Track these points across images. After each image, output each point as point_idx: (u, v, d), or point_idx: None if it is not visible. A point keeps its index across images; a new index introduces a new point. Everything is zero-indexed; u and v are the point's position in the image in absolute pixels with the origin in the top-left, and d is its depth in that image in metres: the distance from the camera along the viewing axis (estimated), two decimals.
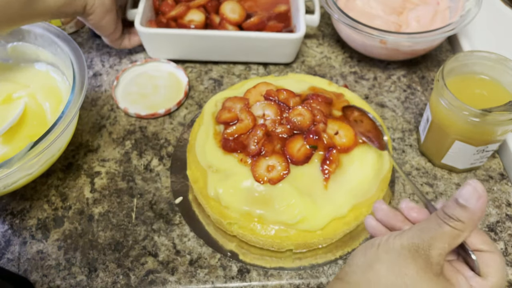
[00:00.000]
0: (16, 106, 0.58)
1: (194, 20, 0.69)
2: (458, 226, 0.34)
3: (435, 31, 0.61)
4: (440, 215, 0.35)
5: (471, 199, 0.34)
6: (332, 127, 0.51)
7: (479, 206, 0.34)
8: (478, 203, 0.34)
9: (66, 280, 0.50)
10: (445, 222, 0.34)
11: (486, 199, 0.34)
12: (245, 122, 0.52)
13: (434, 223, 0.35)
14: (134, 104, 0.65)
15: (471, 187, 0.34)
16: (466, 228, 0.34)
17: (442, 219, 0.35)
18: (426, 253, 0.34)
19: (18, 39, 0.61)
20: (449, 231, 0.34)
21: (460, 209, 0.34)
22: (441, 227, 0.34)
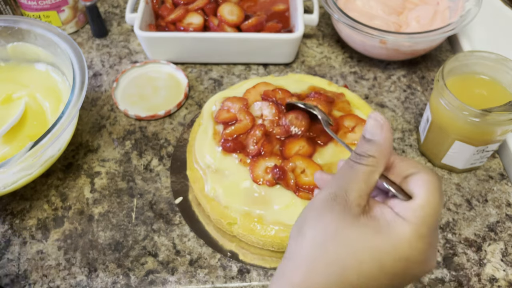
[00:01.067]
0: (16, 106, 0.58)
1: (193, 23, 0.69)
2: (369, 162, 0.33)
3: (435, 31, 0.61)
4: (352, 157, 0.34)
5: (375, 131, 0.34)
6: (300, 165, 0.50)
7: (384, 136, 0.33)
8: (382, 133, 0.33)
9: (66, 280, 0.50)
10: (357, 162, 0.34)
11: (388, 127, 0.34)
12: (244, 122, 0.52)
13: (348, 167, 0.34)
14: (134, 106, 0.65)
15: (372, 119, 0.34)
16: (378, 162, 0.33)
17: (354, 160, 0.34)
18: (343, 198, 0.32)
19: (18, 39, 0.61)
20: (363, 169, 0.33)
21: (368, 145, 0.34)
22: (354, 168, 0.34)
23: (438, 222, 0.33)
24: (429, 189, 0.32)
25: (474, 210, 0.55)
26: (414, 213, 0.31)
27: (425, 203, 0.32)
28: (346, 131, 0.52)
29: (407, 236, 0.31)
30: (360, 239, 0.31)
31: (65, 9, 0.74)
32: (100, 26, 0.75)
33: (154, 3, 0.72)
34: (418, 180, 0.33)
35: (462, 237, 0.52)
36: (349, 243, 0.31)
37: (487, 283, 0.49)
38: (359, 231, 0.31)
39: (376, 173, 0.33)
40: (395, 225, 0.31)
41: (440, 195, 0.32)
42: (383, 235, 0.31)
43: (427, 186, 0.32)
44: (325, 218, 0.32)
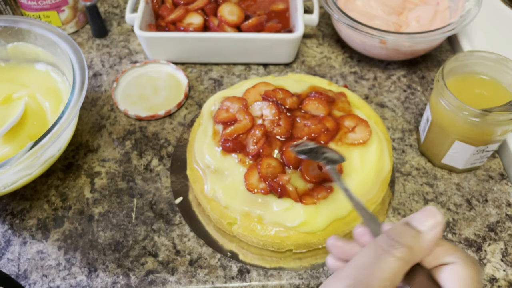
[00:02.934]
0: (17, 106, 0.58)
1: (193, 23, 0.69)
2: (403, 254, 0.28)
3: (435, 31, 0.61)
4: (382, 242, 0.29)
5: (425, 220, 0.29)
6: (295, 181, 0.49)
7: (432, 228, 0.29)
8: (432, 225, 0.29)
9: (66, 280, 0.50)
10: (387, 251, 0.28)
11: (441, 225, 0.29)
12: (243, 122, 0.52)
13: (373, 255, 0.29)
14: (134, 106, 0.65)
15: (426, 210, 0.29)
16: (412, 258, 0.28)
17: (384, 248, 0.29)
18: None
19: (18, 39, 0.61)
20: (391, 264, 0.28)
21: (408, 231, 0.29)
22: (381, 259, 0.28)
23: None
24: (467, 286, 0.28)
25: (474, 210, 0.55)
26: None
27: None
28: (347, 131, 0.52)
29: None
30: None
31: (65, 9, 0.74)
32: (100, 26, 0.75)
33: (154, 3, 0.72)
34: (454, 275, 0.28)
35: (462, 237, 0.52)
36: None
37: (487, 283, 0.49)
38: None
39: (404, 271, 0.28)
40: None
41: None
42: None
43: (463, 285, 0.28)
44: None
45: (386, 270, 0.28)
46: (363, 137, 0.51)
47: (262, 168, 0.48)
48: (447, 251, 0.29)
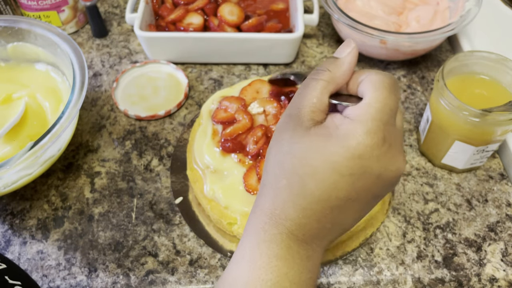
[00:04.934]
0: (17, 106, 0.58)
1: (193, 23, 0.69)
2: (324, 76, 0.34)
3: (435, 31, 0.61)
4: (310, 74, 0.35)
5: (342, 50, 0.35)
6: None
7: (348, 55, 0.34)
8: (348, 53, 0.34)
9: (66, 280, 0.50)
10: (313, 77, 0.34)
11: (356, 51, 0.34)
12: (242, 122, 0.52)
13: (303, 86, 0.35)
14: (134, 106, 0.65)
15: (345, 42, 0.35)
16: (333, 78, 0.34)
17: (311, 76, 0.35)
18: (297, 114, 0.33)
19: (18, 39, 0.61)
20: (315, 85, 0.34)
21: (329, 61, 0.34)
22: (308, 85, 0.34)
23: (392, 118, 0.33)
24: (375, 87, 0.33)
25: (474, 210, 0.55)
26: (361, 111, 0.32)
27: (372, 100, 0.32)
28: None
29: (353, 133, 0.31)
30: (311, 147, 0.32)
31: (65, 9, 0.74)
32: (100, 26, 0.75)
33: (154, 3, 0.72)
34: (366, 82, 0.34)
35: (462, 237, 0.52)
36: (301, 154, 0.32)
37: (487, 283, 0.49)
38: (310, 140, 0.32)
39: (328, 88, 0.34)
40: (342, 126, 0.32)
41: (389, 90, 0.33)
42: (332, 139, 0.32)
43: (373, 85, 0.33)
44: (282, 137, 0.34)
45: (311, 90, 0.34)
46: None
47: (260, 169, 0.48)
48: (361, 73, 0.35)
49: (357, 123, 0.31)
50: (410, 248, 0.51)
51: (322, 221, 0.32)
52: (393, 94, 0.33)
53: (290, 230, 0.32)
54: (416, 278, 0.49)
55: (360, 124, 0.31)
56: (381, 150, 0.31)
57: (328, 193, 0.31)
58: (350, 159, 0.31)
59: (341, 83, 0.35)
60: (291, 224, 0.32)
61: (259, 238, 0.33)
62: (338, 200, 0.32)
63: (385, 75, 0.34)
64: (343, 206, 0.32)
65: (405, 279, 0.49)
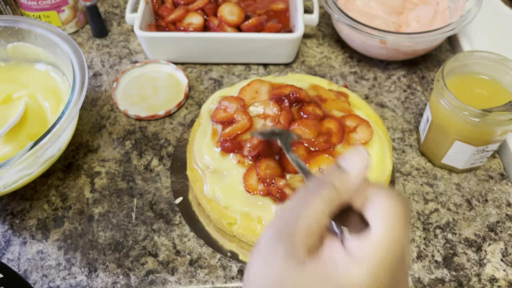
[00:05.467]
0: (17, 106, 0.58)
1: (193, 23, 0.69)
2: (329, 194, 0.28)
3: (435, 31, 0.61)
4: (310, 184, 0.29)
5: (353, 161, 0.29)
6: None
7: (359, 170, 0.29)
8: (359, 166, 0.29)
9: (66, 280, 0.50)
10: (314, 192, 0.28)
11: (368, 164, 0.29)
12: (241, 122, 0.52)
13: (301, 197, 0.29)
14: (134, 106, 0.65)
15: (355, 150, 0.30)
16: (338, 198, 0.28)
17: (311, 189, 0.29)
18: (289, 238, 0.28)
19: (18, 39, 0.61)
20: (317, 204, 0.28)
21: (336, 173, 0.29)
22: (307, 200, 0.28)
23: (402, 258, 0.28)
24: (387, 219, 0.27)
25: (474, 210, 0.55)
26: (368, 251, 0.27)
27: (382, 238, 0.27)
28: (348, 131, 0.52)
29: (358, 282, 0.26)
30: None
31: (65, 9, 0.74)
32: (100, 26, 0.75)
33: (154, 3, 0.72)
34: (376, 208, 0.28)
35: (462, 237, 0.52)
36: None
37: (487, 283, 0.49)
38: (305, 281, 0.27)
39: (331, 210, 0.29)
40: (345, 268, 0.27)
41: (402, 226, 0.27)
42: (331, 282, 0.27)
43: (385, 216, 0.28)
44: (269, 263, 0.28)
45: (311, 210, 0.28)
46: (365, 138, 0.51)
47: (260, 170, 0.48)
48: (373, 190, 0.29)
49: (362, 267, 0.26)
50: (410, 248, 0.51)
51: None
52: (406, 227, 0.28)
53: None
54: (416, 278, 0.49)
55: (366, 268, 0.26)
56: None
57: None
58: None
59: (346, 202, 0.29)
60: None
61: None
62: None
63: (398, 200, 0.28)
64: None
65: None
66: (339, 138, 0.51)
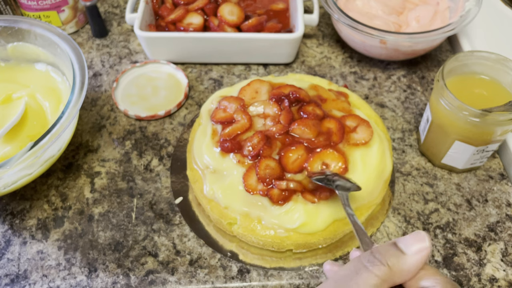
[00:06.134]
0: (17, 106, 0.58)
1: (193, 23, 0.69)
2: (381, 272, 0.27)
3: (435, 31, 0.61)
4: (364, 257, 0.29)
5: (412, 243, 0.28)
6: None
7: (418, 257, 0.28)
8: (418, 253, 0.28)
9: (66, 280, 0.50)
10: (366, 266, 0.28)
11: (429, 253, 0.28)
12: (241, 122, 0.52)
13: (353, 270, 0.28)
14: (134, 106, 0.65)
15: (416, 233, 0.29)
16: (391, 278, 0.27)
17: (364, 263, 0.28)
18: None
19: (18, 39, 0.61)
20: (368, 279, 0.27)
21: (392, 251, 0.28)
22: (359, 274, 0.28)
23: None
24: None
25: (474, 210, 0.55)
26: None
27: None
28: (348, 131, 0.52)
29: None
30: None
31: (65, 9, 0.74)
32: (100, 26, 0.75)
33: (154, 3, 0.72)
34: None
35: (462, 237, 0.52)
36: None
37: (487, 283, 0.49)
38: None
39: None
40: None
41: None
42: None
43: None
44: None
45: (361, 285, 0.27)
46: (365, 137, 0.51)
47: (260, 170, 0.48)
48: (428, 275, 0.28)
49: None
50: None
51: None
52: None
53: None
54: None
55: None
56: None
57: None
58: None
59: (398, 284, 0.28)
60: None
61: None
62: None
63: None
64: None
65: None
66: (339, 138, 0.51)
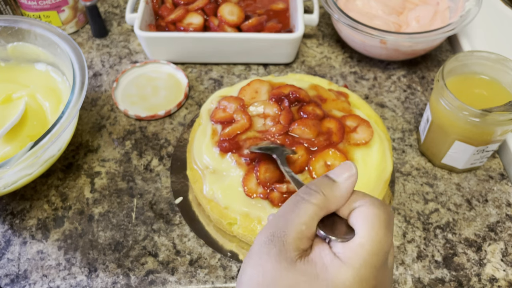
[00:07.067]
0: (17, 106, 0.58)
1: (193, 23, 0.69)
2: (318, 200, 0.31)
3: (435, 31, 0.61)
4: (301, 191, 0.32)
5: (342, 173, 0.32)
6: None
7: (347, 181, 0.31)
8: (347, 177, 0.31)
9: (66, 280, 0.50)
10: (304, 198, 0.31)
11: (356, 178, 0.32)
12: (240, 122, 0.52)
13: (292, 204, 0.31)
14: (134, 106, 0.65)
15: (344, 164, 0.32)
16: (326, 205, 0.31)
17: (302, 195, 0.31)
18: (281, 240, 0.30)
19: (18, 39, 0.61)
20: (306, 209, 0.30)
21: (324, 181, 0.31)
22: (298, 206, 0.31)
23: (385, 260, 0.30)
24: (370, 224, 0.30)
25: (474, 210, 0.55)
26: (353, 253, 0.29)
27: (365, 241, 0.29)
28: (348, 131, 0.52)
29: (344, 280, 0.28)
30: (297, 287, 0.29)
31: (65, 9, 0.74)
32: (100, 26, 0.75)
33: (154, 3, 0.72)
34: (360, 214, 0.30)
35: (462, 237, 0.52)
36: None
37: (487, 283, 0.49)
38: (295, 279, 0.29)
39: (319, 215, 0.31)
40: (332, 269, 0.29)
41: (385, 228, 0.30)
42: (319, 281, 0.29)
43: (368, 221, 0.30)
44: (263, 264, 0.30)
45: (301, 215, 0.30)
46: (365, 138, 0.51)
47: (260, 174, 0.48)
48: (358, 198, 0.32)
49: (348, 268, 0.29)
50: (410, 248, 0.51)
51: None
52: (389, 232, 0.30)
53: None
54: (416, 278, 0.49)
55: (352, 269, 0.29)
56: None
57: None
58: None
59: (334, 210, 0.32)
60: None
61: None
62: None
63: (381, 207, 0.31)
64: None
65: (405, 279, 0.49)
66: (339, 138, 0.51)
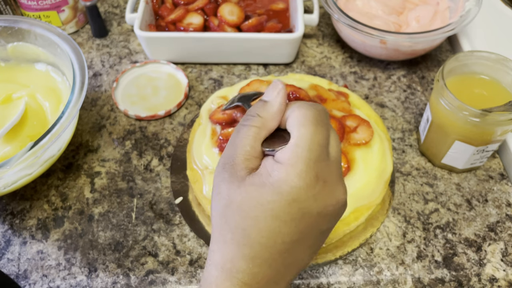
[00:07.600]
0: (17, 106, 0.58)
1: (193, 23, 0.69)
2: (256, 122, 0.33)
3: (435, 31, 0.61)
4: (241, 120, 0.34)
5: (271, 93, 0.34)
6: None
7: (276, 98, 0.34)
8: (276, 95, 0.34)
9: (66, 280, 0.50)
10: (244, 124, 0.34)
11: (284, 93, 0.34)
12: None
13: (235, 133, 0.34)
14: (134, 106, 0.65)
15: (272, 84, 0.35)
16: (264, 124, 0.33)
17: (242, 123, 0.34)
18: (231, 163, 0.33)
19: (18, 39, 0.61)
20: (248, 132, 0.33)
21: (259, 105, 0.34)
22: (240, 132, 0.33)
23: (322, 153, 0.32)
24: (300, 123, 0.32)
25: (474, 210, 0.55)
26: (290, 153, 0.31)
27: (298, 140, 0.32)
28: (349, 131, 0.52)
29: (285, 178, 0.31)
30: (248, 198, 0.31)
31: (65, 9, 0.74)
32: (100, 26, 0.75)
33: (154, 3, 0.72)
34: (291, 119, 0.33)
35: (462, 237, 0.52)
36: (240, 207, 0.32)
37: (487, 283, 0.49)
38: (246, 191, 0.32)
39: (261, 135, 0.33)
40: (274, 173, 0.31)
41: (314, 124, 0.32)
42: (266, 187, 0.31)
43: (298, 121, 0.32)
44: (220, 189, 0.33)
45: (243, 138, 0.33)
46: (365, 138, 0.51)
47: None
48: (289, 107, 0.34)
49: (288, 167, 0.31)
50: (410, 248, 0.51)
51: (273, 266, 0.32)
52: (320, 126, 0.32)
53: (243, 281, 0.32)
54: (416, 278, 0.49)
55: (291, 167, 0.31)
56: (316, 189, 0.31)
57: (273, 239, 0.31)
58: (286, 205, 0.31)
59: (273, 127, 0.34)
60: (243, 275, 0.32)
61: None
62: (284, 244, 0.32)
63: (308, 107, 0.33)
64: (291, 249, 0.32)
65: (405, 279, 0.49)
66: (339, 138, 0.50)
